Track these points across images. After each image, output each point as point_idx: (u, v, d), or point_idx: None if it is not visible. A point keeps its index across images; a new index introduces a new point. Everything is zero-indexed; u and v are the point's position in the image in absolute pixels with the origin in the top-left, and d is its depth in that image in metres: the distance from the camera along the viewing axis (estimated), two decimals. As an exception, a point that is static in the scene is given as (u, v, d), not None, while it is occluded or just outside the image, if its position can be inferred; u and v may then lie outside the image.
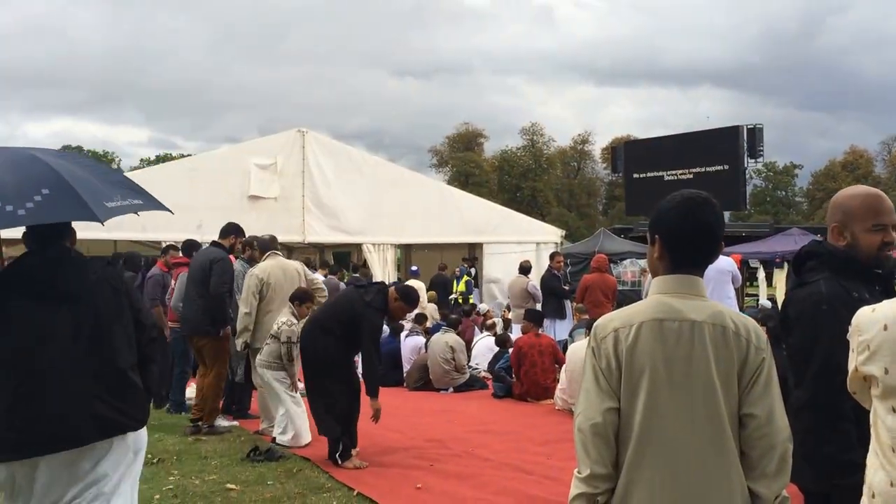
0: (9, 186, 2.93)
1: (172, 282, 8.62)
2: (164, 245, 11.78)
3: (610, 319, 2.17)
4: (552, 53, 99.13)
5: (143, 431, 3.28)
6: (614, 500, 2.08)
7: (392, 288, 6.31)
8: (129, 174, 18.28)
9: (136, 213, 3.43)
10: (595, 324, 2.21)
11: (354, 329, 6.04)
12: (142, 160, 63.16)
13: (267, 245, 7.89)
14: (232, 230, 7.73)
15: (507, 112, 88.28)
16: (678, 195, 2.21)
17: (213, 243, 7.65)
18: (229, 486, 5.47)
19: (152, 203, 3.56)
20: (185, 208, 14.24)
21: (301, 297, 6.87)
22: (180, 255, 9.18)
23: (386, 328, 9.88)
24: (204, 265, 7.36)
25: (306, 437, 6.69)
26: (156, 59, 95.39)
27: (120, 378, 3.16)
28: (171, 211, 3.84)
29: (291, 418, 6.65)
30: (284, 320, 6.74)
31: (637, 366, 2.07)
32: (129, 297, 3.35)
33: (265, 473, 5.83)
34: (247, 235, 8.12)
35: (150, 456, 6.23)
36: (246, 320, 7.27)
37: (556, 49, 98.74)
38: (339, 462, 5.92)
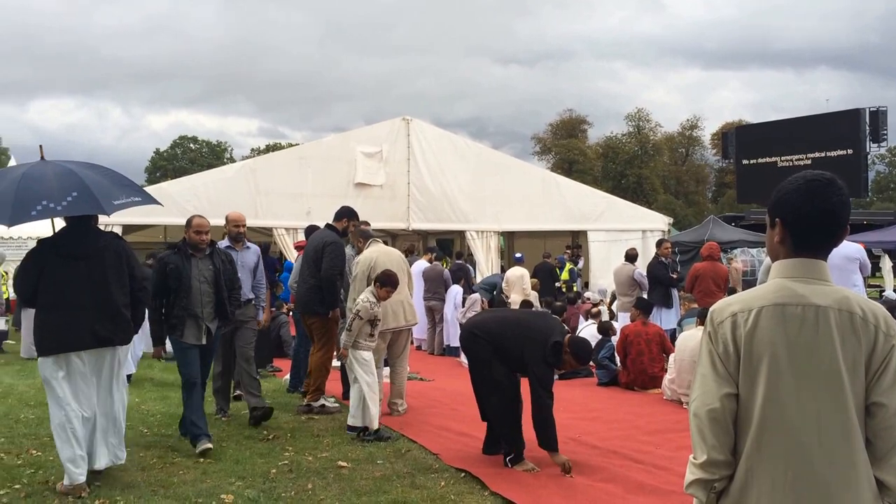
0: (53, 190, 4.93)
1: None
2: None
3: (728, 303, 2.13)
4: (657, 37, 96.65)
5: (128, 346, 5.44)
6: (732, 488, 2.06)
7: (567, 339, 5.74)
8: (241, 163, 19.09)
9: (136, 206, 5.44)
10: (712, 308, 2.17)
11: (521, 364, 5.74)
12: (252, 150, 65.37)
13: (368, 233, 8.10)
14: (345, 213, 7.96)
15: (610, 98, 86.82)
16: (801, 176, 2.16)
17: (327, 226, 7.89)
18: (340, 463, 5.67)
19: (148, 199, 5.60)
20: (294, 195, 14.81)
21: (384, 281, 6.89)
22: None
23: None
24: (318, 247, 7.62)
25: (374, 426, 6.59)
26: (267, 53, 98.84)
27: (114, 311, 5.19)
28: (161, 203, 5.96)
29: (365, 404, 6.62)
30: (364, 297, 6.84)
31: (757, 352, 2.04)
32: (128, 259, 5.36)
33: (375, 453, 6.01)
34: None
35: (265, 432, 6.55)
36: None
37: (660, 32, 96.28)
38: (510, 465, 5.67)
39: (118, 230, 13.81)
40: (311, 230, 9.28)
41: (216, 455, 5.87)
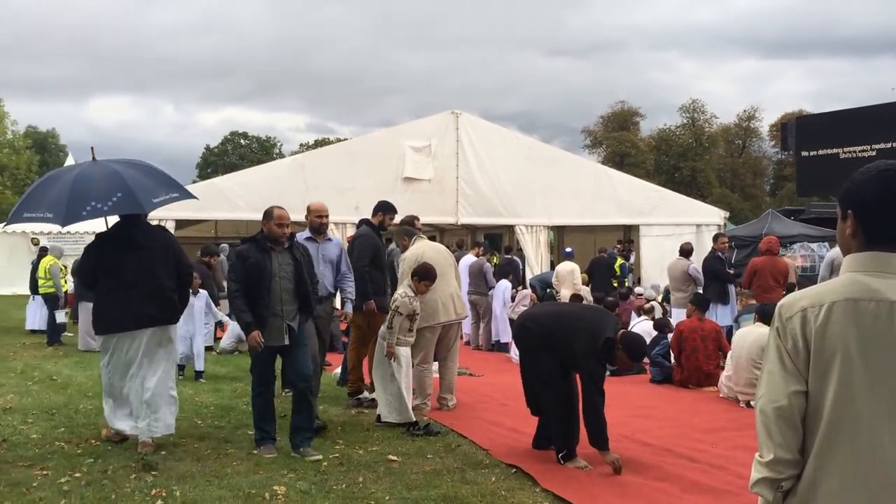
0: (101, 191, 5.62)
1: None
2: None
3: (798, 298, 2.08)
4: (710, 26, 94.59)
5: (175, 326, 6.11)
6: (800, 487, 2.02)
7: (619, 335, 5.60)
8: (290, 158, 19.30)
9: (174, 202, 6.18)
10: (780, 303, 2.12)
11: (572, 358, 5.66)
12: (301, 145, 66.07)
13: (411, 231, 8.13)
14: (380, 207, 8.06)
15: (663, 89, 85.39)
16: (874, 166, 2.09)
17: (364, 221, 7.99)
18: (391, 457, 5.70)
19: (185, 194, 6.24)
20: (343, 190, 14.91)
21: (422, 274, 6.89)
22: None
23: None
24: (352, 242, 7.86)
25: (414, 418, 6.62)
26: (315, 48, 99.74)
27: (162, 294, 5.88)
28: (196, 198, 6.72)
29: (401, 400, 6.64)
30: (402, 292, 6.85)
31: (828, 348, 1.98)
32: (174, 249, 6.06)
33: (424, 447, 6.04)
34: (403, 216, 8.41)
35: (316, 424, 6.62)
36: None
37: (714, 21, 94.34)
38: (562, 462, 5.60)
39: (171, 224, 14.12)
40: (360, 224, 9.38)
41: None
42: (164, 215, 13.39)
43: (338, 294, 7.56)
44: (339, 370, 9.08)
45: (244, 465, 5.48)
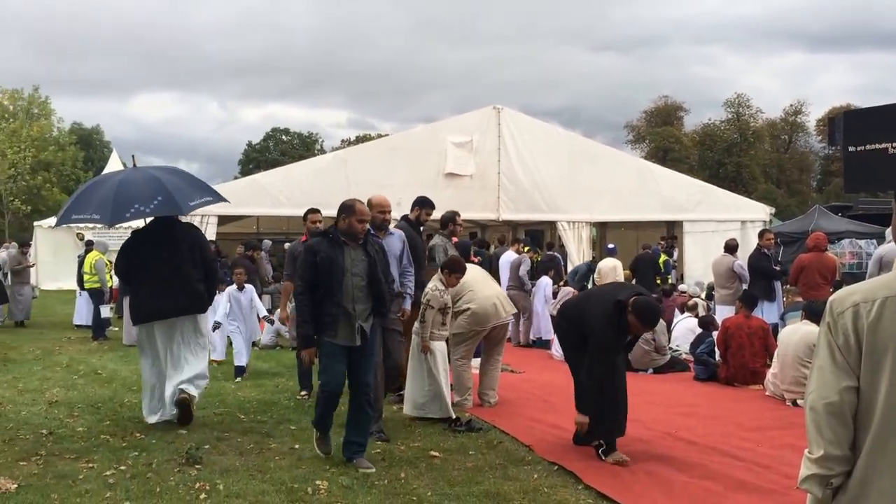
0: (143, 195, 6.21)
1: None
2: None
3: (850, 293, 2.06)
4: (755, 19, 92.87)
5: (204, 316, 6.76)
6: (851, 484, 1.99)
7: (632, 299, 5.51)
8: (332, 154, 19.46)
9: (208, 205, 6.92)
10: (832, 298, 2.10)
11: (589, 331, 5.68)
12: (342, 140, 66.52)
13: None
14: (417, 202, 8.08)
15: (707, 83, 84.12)
16: None
17: (403, 217, 8.03)
18: (433, 453, 5.71)
19: (219, 198, 6.85)
20: (384, 186, 14.87)
21: (452, 267, 6.90)
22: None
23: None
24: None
25: (453, 414, 6.67)
26: (357, 45, 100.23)
27: (190, 285, 6.43)
28: (228, 201, 7.13)
29: (444, 394, 6.65)
30: (432, 286, 6.87)
31: (880, 344, 1.95)
32: (200, 245, 6.66)
33: (466, 443, 6.04)
34: (444, 212, 8.43)
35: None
36: None
37: (759, 14, 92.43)
38: (602, 457, 5.59)
39: (214, 220, 14.34)
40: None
41: (311, 441, 6.01)
42: (208, 211, 13.60)
43: None
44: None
45: (287, 460, 5.54)
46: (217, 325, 9.27)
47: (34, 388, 8.32)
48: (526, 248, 14.06)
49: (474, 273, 7.67)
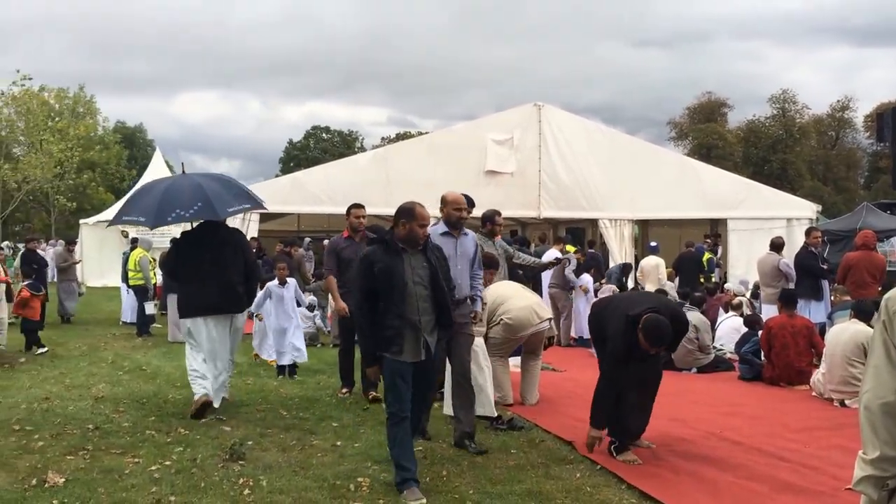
0: (185, 201, 6.72)
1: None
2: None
3: None
4: (800, 13, 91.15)
5: (242, 315, 7.29)
6: None
7: (645, 317, 5.41)
8: (372, 152, 19.56)
9: (246, 211, 8.69)
10: (886, 296, 2.06)
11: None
12: (382, 138, 66.83)
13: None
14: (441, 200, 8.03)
15: (751, 79, 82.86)
16: None
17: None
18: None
19: (257, 205, 7.50)
20: (424, 184, 14.93)
21: (485, 264, 6.91)
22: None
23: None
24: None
25: (495, 413, 6.65)
26: (398, 42, 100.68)
27: (231, 286, 6.92)
28: (265, 207, 7.96)
29: (483, 393, 6.57)
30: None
31: None
32: (242, 248, 7.17)
33: (508, 442, 6.04)
34: (484, 210, 8.42)
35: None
36: None
37: (804, 8, 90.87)
38: (614, 455, 5.60)
39: (255, 217, 14.52)
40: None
41: (353, 438, 6.07)
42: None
43: None
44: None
45: (329, 457, 5.58)
46: (250, 316, 9.04)
47: (81, 384, 8.51)
48: (574, 249, 13.95)
49: (507, 286, 7.70)
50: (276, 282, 9.37)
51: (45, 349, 10.94)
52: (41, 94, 38.43)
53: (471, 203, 8.09)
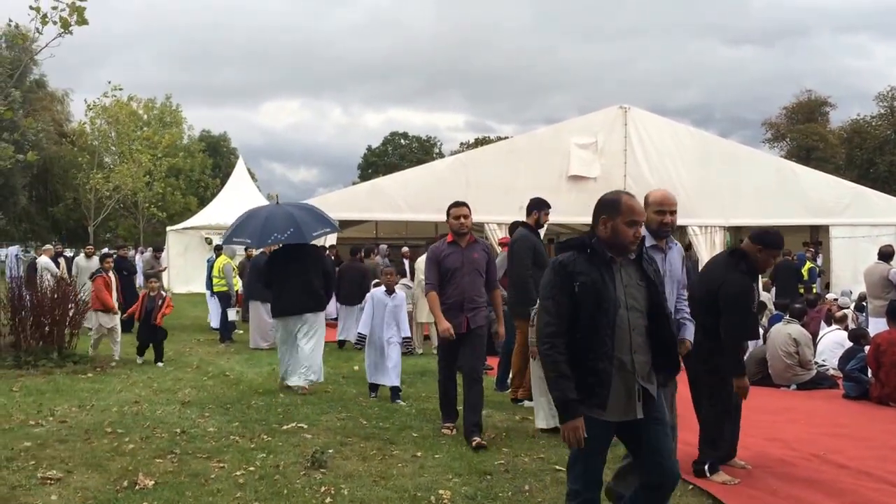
0: (280, 227, 8.73)
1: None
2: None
3: None
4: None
5: (322, 314, 9.08)
6: None
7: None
8: (451, 157, 19.63)
9: (325, 235, 10.41)
10: None
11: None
12: (461, 144, 67.14)
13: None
14: (533, 205, 8.02)
15: (855, 75, 79.88)
16: None
17: (520, 223, 8.02)
18: (557, 466, 5.65)
19: (334, 228, 9.87)
20: (506, 189, 14.97)
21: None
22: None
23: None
24: (510, 248, 8.03)
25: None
26: (478, 47, 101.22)
27: (313, 290, 8.81)
28: (339, 230, 11.23)
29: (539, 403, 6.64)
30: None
31: None
32: (322, 262, 9.16)
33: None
34: (565, 216, 8.37)
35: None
36: None
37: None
38: (708, 475, 5.40)
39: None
40: (514, 227, 9.42)
41: (434, 449, 6.09)
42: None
43: None
44: (500, 374, 9.14)
45: (409, 468, 5.63)
46: (361, 339, 8.63)
47: (167, 388, 8.82)
48: None
49: None
50: (381, 290, 8.45)
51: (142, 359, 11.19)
52: (129, 105, 40.06)
53: (547, 206, 8.02)
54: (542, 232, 8.28)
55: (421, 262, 11.79)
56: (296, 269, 8.71)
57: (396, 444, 6.31)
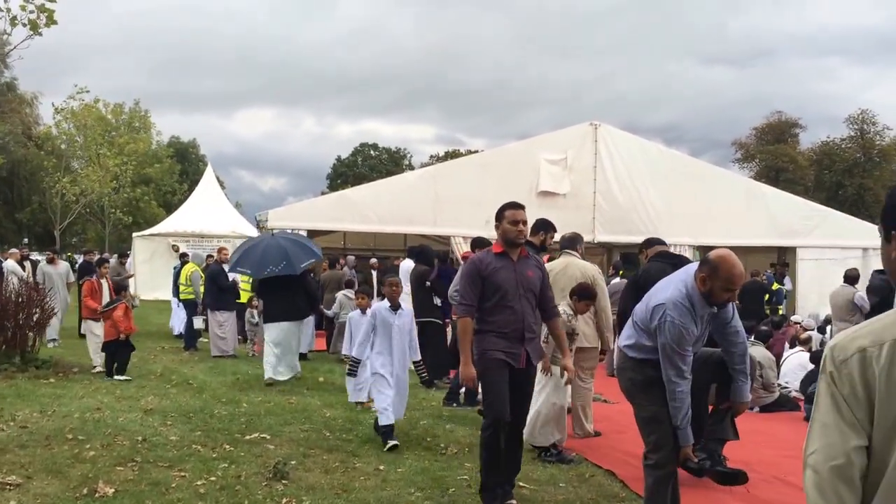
0: (275, 259, 10.71)
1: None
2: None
3: (853, 338, 1.86)
4: (878, 29, 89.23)
5: (308, 319, 12.39)
6: None
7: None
8: (421, 170, 19.73)
9: (311, 263, 11.43)
10: (831, 343, 1.91)
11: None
12: (431, 156, 67.36)
13: (564, 244, 8.08)
14: (540, 226, 7.82)
15: (825, 99, 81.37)
16: None
17: (484, 239, 8.13)
18: (521, 484, 5.71)
19: (319, 257, 11.89)
20: (474, 203, 15.02)
21: (580, 293, 6.88)
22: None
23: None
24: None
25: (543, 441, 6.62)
26: (457, 61, 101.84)
27: (296, 303, 10.84)
28: (322, 259, 12.96)
29: (548, 421, 6.61)
30: (561, 310, 6.77)
31: (895, 394, 1.76)
32: (305, 283, 11.14)
33: (556, 475, 6.05)
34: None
35: (442, 446, 6.77)
36: None
37: (883, 24, 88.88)
38: None
39: (303, 234, 14.88)
40: (476, 242, 9.53)
41: (396, 463, 6.15)
42: (297, 226, 14.06)
43: None
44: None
45: (372, 481, 5.68)
46: (353, 365, 7.44)
47: (130, 396, 8.79)
48: (620, 272, 13.85)
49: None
50: (385, 303, 7.20)
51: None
52: (97, 109, 39.73)
53: (553, 228, 7.86)
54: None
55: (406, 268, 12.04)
56: (284, 287, 10.64)
57: (359, 457, 6.35)
